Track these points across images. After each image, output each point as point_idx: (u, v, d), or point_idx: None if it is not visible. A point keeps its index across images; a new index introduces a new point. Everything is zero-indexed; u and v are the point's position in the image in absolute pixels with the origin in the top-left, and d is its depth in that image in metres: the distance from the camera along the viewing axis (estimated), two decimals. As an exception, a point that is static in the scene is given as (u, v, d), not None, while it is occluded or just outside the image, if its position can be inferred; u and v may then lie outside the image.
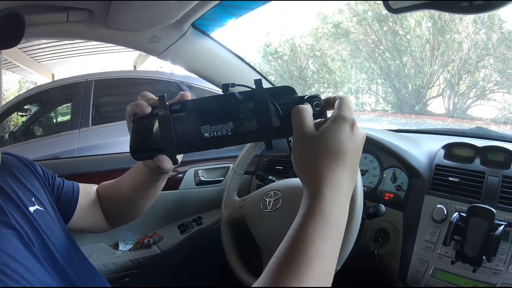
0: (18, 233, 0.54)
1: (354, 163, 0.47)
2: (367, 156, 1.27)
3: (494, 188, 0.96)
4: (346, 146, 0.46)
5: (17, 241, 0.53)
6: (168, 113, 0.47)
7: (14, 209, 0.57)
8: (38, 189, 0.67)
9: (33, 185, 0.66)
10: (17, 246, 0.52)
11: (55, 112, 4.25)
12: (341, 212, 0.45)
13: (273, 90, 0.49)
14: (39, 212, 0.62)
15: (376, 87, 11.15)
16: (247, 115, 0.48)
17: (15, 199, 0.59)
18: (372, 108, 11.02)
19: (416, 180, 1.09)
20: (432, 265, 0.94)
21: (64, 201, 0.73)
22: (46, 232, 0.60)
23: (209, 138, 0.48)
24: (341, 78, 11.42)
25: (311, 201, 0.44)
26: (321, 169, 0.45)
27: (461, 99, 9.18)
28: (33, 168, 0.70)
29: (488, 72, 8.81)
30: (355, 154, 0.47)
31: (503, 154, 1.03)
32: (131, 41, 1.21)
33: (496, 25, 8.23)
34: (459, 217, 0.91)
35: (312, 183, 0.45)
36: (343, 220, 0.45)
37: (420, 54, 9.72)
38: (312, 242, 0.41)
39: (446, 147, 1.13)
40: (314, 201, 0.44)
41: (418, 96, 9.81)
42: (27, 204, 0.60)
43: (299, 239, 0.42)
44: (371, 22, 10.07)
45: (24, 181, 0.64)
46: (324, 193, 0.44)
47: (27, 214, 0.59)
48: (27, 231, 0.56)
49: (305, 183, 0.47)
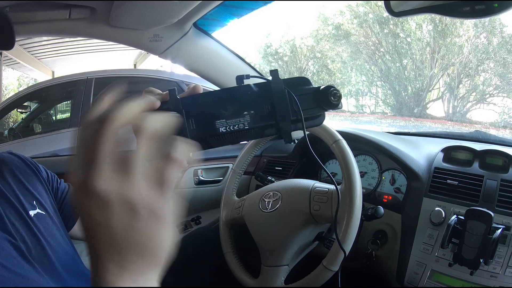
0: (12, 239, 0.52)
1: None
2: (366, 158, 1.27)
3: (493, 192, 0.96)
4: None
5: (10, 247, 0.51)
6: (180, 108, 0.42)
7: (12, 213, 0.56)
8: (41, 192, 0.64)
9: (36, 187, 0.64)
10: (10, 252, 0.51)
11: (54, 110, 4.24)
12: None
13: (288, 81, 0.46)
14: (40, 216, 0.60)
15: (376, 89, 11.17)
16: (265, 107, 0.45)
17: (14, 202, 0.57)
18: (371, 110, 11.03)
19: (415, 182, 1.10)
20: (430, 267, 0.95)
21: (67, 207, 0.70)
22: (46, 237, 0.58)
23: (225, 133, 0.44)
24: (341, 80, 11.44)
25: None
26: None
27: (461, 103, 9.20)
28: (36, 170, 0.67)
29: (488, 76, 8.84)
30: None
31: (502, 158, 1.04)
32: (133, 39, 1.22)
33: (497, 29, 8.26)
34: (457, 220, 0.91)
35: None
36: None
37: (420, 57, 9.74)
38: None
39: (445, 150, 1.14)
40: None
41: (418, 99, 9.83)
42: (28, 207, 0.58)
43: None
44: (372, 24, 10.09)
45: (26, 183, 0.62)
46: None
47: (26, 219, 0.57)
48: (23, 236, 0.54)
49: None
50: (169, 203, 0.31)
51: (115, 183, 0.29)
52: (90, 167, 0.29)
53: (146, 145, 0.31)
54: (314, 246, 1.04)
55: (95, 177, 0.29)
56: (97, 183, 0.29)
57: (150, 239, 0.30)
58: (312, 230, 0.99)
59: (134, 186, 0.29)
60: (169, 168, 0.31)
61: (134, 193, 0.29)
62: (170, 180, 0.31)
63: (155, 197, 0.30)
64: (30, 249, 0.54)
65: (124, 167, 0.29)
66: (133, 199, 0.29)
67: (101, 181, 0.29)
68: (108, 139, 0.29)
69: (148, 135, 0.31)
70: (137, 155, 0.30)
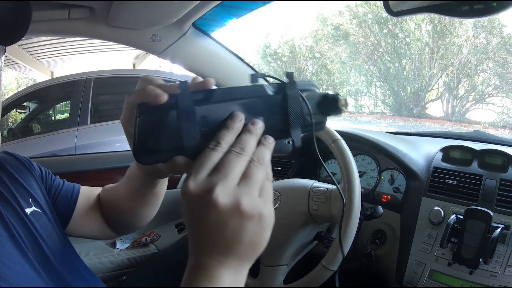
0: (12, 237, 0.52)
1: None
2: (365, 158, 1.27)
3: (492, 191, 0.97)
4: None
5: (11, 246, 0.51)
6: (192, 104, 0.38)
7: (10, 211, 0.55)
8: (36, 189, 0.63)
9: (31, 185, 0.63)
10: (11, 251, 0.50)
11: (53, 110, 4.23)
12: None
13: (300, 84, 0.45)
14: (36, 214, 0.59)
15: (375, 90, 11.18)
16: (277, 111, 0.43)
17: (11, 200, 0.56)
18: (370, 110, 11.04)
19: (414, 182, 1.10)
20: (429, 267, 0.95)
21: (61, 203, 0.68)
22: (42, 235, 0.57)
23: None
24: (340, 80, 11.45)
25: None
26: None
27: (460, 103, 9.21)
28: (30, 168, 0.66)
29: (487, 76, 8.85)
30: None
31: (501, 157, 1.04)
32: (132, 39, 1.21)
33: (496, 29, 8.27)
34: (456, 219, 0.91)
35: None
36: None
37: (419, 57, 9.75)
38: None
39: (444, 149, 1.14)
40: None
41: (417, 99, 9.84)
42: (24, 205, 0.58)
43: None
44: (371, 24, 10.10)
45: (22, 181, 0.61)
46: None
47: (23, 216, 0.56)
48: (21, 234, 0.54)
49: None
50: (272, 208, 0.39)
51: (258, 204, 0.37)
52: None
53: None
54: (313, 246, 1.04)
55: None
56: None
57: (259, 242, 0.38)
58: (311, 229, 0.99)
59: (267, 204, 0.38)
60: (270, 179, 0.40)
61: (267, 209, 0.38)
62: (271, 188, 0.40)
63: (268, 205, 0.39)
64: (28, 248, 0.53)
65: (263, 192, 0.38)
66: (264, 213, 0.37)
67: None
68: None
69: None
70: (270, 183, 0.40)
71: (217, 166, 0.37)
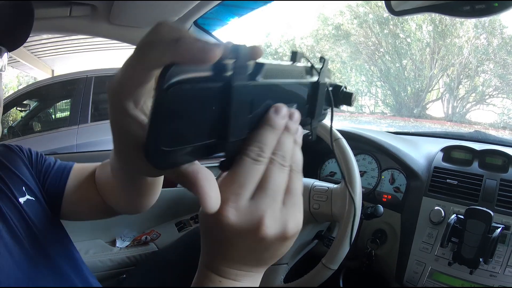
0: (9, 227, 0.52)
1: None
2: (366, 157, 1.27)
3: (492, 191, 0.97)
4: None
5: (8, 237, 0.51)
6: (247, 80, 0.27)
7: (5, 202, 0.54)
8: (28, 176, 0.61)
9: (23, 172, 0.60)
10: (7, 242, 0.50)
11: (54, 108, 4.23)
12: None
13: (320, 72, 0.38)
14: (30, 202, 0.58)
15: (375, 90, 11.17)
16: (308, 99, 0.36)
17: (5, 190, 0.55)
18: (371, 110, 11.04)
19: (414, 182, 1.10)
20: (429, 267, 0.95)
21: (52, 182, 0.63)
22: (37, 224, 0.56)
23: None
24: (340, 79, 11.44)
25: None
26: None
27: (460, 104, 9.22)
28: (21, 153, 0.63)
29: (488, 77, 8.85)
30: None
31: (502, 157, 1.04)
32: (133, 37, 1.22)
33: (497, 30, 8.27)
34: (456, 219, 0.91)
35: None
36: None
37: (420, 58, 9.75)
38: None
39: (444, 149, 1.14)
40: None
41: (417, 100, 9.84)
42: (17, 195, 0.56)
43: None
44: (372, 24, 10.10)
45: (14, 170, 0.59)
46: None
47: (18, 206, 0.55)
48: (17, 224, 0.53)
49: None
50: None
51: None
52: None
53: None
54: (314, 245, 1.04)
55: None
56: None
57: (277, 255, 0.32)
58: (311, 228, 0.99)
59: (298, 218, 0.31)
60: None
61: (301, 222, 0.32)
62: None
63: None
64: (24, 238, 0.53)
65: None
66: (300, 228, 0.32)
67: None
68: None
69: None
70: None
71: (261, 184, 0.29)
